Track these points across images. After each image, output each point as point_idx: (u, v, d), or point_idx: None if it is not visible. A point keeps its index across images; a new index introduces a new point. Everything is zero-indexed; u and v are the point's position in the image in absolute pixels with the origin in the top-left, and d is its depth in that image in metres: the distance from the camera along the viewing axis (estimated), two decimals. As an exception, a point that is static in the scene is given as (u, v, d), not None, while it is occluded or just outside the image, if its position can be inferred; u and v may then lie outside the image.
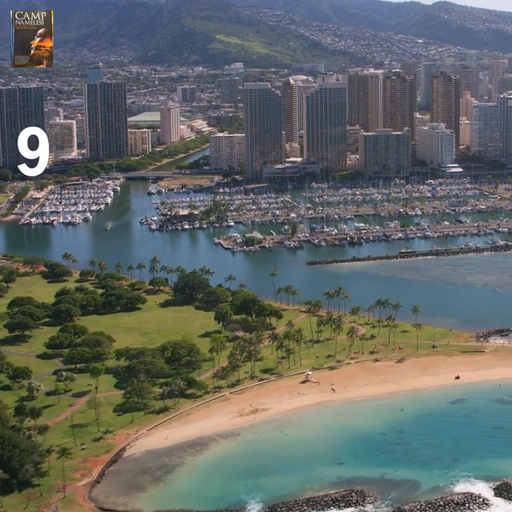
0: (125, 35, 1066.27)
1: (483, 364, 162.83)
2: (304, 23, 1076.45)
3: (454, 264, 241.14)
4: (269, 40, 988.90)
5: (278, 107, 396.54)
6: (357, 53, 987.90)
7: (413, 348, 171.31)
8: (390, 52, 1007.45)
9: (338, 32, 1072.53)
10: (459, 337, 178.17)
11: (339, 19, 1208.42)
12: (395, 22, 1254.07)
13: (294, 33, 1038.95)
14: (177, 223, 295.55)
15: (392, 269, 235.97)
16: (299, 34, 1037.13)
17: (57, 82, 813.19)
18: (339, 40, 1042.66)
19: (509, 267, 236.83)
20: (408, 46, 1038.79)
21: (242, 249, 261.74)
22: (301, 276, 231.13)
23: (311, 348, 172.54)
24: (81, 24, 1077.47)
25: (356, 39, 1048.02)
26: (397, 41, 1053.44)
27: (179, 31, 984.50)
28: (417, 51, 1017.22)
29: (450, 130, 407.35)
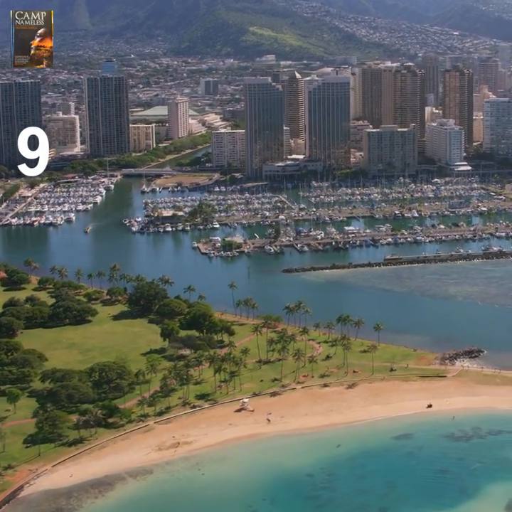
0: (161, 27, 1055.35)
1: (441, 391, 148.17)
2: (339, 15, 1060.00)
3: (440, 273, 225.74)
4: (303, 32, 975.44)
5: (279, 103, 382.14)
6: (391, 45, 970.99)
7: (369, 371, 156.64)
8: (425, 44, 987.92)
9: (374, 24, 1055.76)
10: (421, 359, 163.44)
11: (377, 11, 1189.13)
12: (434, 14, 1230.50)
13: (328, 24, 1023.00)
14: (160, 225, 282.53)
15: (371, 278, 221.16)
16: (333, 26, 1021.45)
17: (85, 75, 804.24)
18: (374, 32, 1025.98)
19: (497, 277, 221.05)
20: (443, 38, 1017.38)
21: (219, 255, 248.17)
22: (272, 286, 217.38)
23: (258, 370, 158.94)
24: (118, 16, 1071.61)
25: (391, 31, 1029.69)
26: (432, 33, 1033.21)
27: (213, 23, 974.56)
28: (451, 43, 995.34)
29: (459, 126, 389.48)
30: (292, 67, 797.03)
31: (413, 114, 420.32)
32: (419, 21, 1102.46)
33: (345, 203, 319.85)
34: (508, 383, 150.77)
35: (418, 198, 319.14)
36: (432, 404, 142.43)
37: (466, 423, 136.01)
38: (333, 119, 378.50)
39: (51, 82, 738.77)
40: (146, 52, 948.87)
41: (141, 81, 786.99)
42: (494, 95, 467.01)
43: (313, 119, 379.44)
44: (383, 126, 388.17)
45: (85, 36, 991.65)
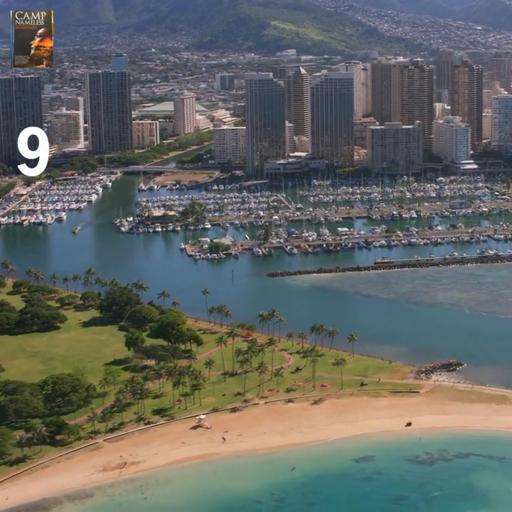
0: (184, 21, 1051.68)
1: (411, 409, 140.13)
2: (362, 9, 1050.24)
3: (430, 278, 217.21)
4: (326, 27, 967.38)
5: (281, 99, 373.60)
6: (413, 40, 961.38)
7: (338, 385, 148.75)
8: (447, 39, 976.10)
9: (397, 18, 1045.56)
10: (396, 372, 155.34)
11: (402, 5, 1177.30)
12: (459, 8, 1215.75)
13: (351, 19, 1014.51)
14: (150, 225, 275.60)
15: (358, 284, 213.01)
16: (356, 20, 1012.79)
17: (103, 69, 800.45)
18: (397, 26, 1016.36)
19: (489, 283, 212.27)
20: (466, 33, 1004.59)
21: (205, 257, 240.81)
22: (255, 291, 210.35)
23: (222, 383, 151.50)
24: (142, 10, 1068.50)
25: (414, 25, 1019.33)
26: (455, 28, 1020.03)
27: (235, 17, 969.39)
28: (474, 38, 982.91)
29: (465, 124, 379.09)
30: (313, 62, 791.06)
31: (420, 111, 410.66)
32: (443, 15, 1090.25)
33: (344, 202, 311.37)
34: (484, 400, 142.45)
35: (419, 198, 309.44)
36: (411, 423, 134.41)
37: (433, 445, 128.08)
38: (337, 116, 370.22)
39: (69, 76, 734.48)
40: (169, 47, 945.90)
41: (159, 75, 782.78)
42: (507, 92, 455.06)
43: (316, 115, 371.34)
44: (387, 123, 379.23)
45: (109, 30, 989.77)
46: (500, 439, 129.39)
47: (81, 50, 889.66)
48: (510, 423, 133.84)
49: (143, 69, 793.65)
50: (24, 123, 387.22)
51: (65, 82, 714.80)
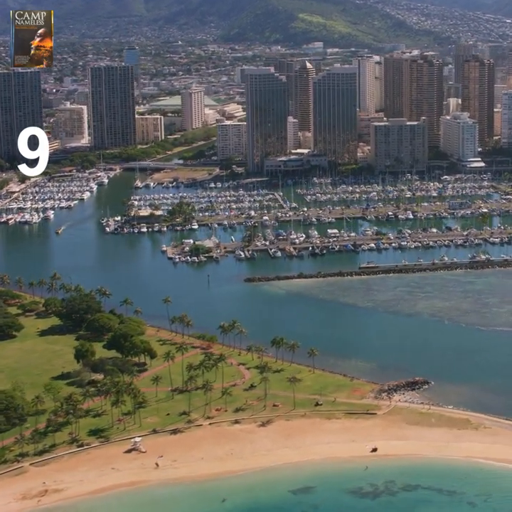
0: (214, 13, 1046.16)
1: (364, 433, 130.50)
2: (391, 2, 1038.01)
3: (414, 285, 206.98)
4: (354, 19, 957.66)
5: (282, 94, 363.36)
6: (441, 33, 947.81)
7: (291, 405, 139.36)
8: (476, 32, 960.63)
9: (426, 11, 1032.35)
10: (356, 390, 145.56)
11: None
12: (490, 1, 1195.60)
13: (380, 11, 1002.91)
14: (136, 225, 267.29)
15: (337, 290, 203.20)
16: (385, 13, 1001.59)
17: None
18: (426, 19, 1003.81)
19: (475, 291, 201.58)
20: (495, 26, 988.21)
21: (185, 260, 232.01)
22: (228, 297, 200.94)
23: (170, 401, 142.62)
24: (172, 2, 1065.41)
25: (444, 18, 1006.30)
26: (485, 21, 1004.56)
27: (263, 9, 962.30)
28: (503, 31, 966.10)
29: (473, 120, 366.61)
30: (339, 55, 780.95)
31: (429, 106, 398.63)
32: (475, 8, 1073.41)
33: (342, 201, 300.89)
34: (444, 424, 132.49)
35: (418, 198, 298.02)
36: (376, 448, 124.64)
37: (380, 475, 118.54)
38: (339, 112, 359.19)
39: None
40: (197, 39, 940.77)
41: (182, 68, 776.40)
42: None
43: (319, 111, 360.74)
44: (391, 120, 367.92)
45: (139, 22, 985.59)
46: (454, 470, 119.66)
47: (109, 42, 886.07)
48: (468, 451, 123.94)
49: (166, 62, 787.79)
50: (23, 118, 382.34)
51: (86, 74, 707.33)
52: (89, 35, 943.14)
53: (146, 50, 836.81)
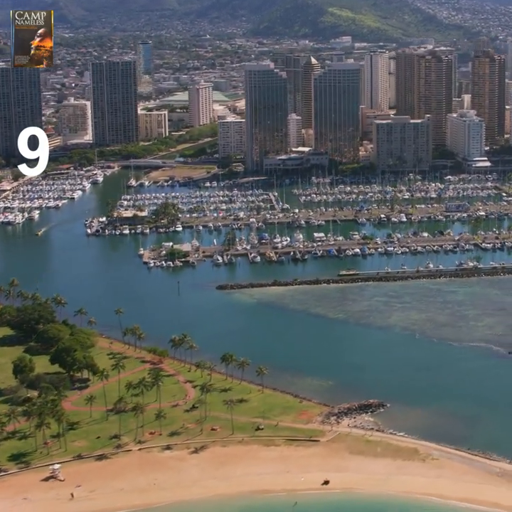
0: (246, 7, 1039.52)
1: (303, 463, 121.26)
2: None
3: (392, 295, 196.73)
4: (384, 14, 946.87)
5: (283, 91, 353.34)
6: (472, 28, 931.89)
7: (231, 429, 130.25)
8: (507, 27, 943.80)
9: (457, 5, 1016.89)
10: (302, 414, 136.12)
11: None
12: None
13: (410, 6, 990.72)
14: (119, 227, 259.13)
15: (310, 300, 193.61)
16: (415, 7, 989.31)
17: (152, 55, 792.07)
18: (456, 13, 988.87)
19: (456, 301, 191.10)
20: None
21: (160, 265, 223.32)
22: (194, 306, 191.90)
23: (103, 423, 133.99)
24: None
25: (475, 13, 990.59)
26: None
27: (292, 3, 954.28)
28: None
29: (479, 118, 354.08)
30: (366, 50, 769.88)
31: (438, 103, 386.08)
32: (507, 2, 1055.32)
33: (336, 203, 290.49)
34: (390, 454, 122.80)
35: (413, 200, 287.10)
36: (328, 481, 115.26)
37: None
38: (341, 109, 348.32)
39: None
40: (226, 33, 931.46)
41: (207, 62, 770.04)
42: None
43: (320, 108, 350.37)
44: (394, 117, 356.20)
45: (171, 16, 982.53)
46: (390, 507, 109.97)
47: (138, 36, 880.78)
48: (408, 486, 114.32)
49: (192, 56, 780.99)
50: (22, 114, 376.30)
51: None
52: (120, 29, 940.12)
53: (172, 44, 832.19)
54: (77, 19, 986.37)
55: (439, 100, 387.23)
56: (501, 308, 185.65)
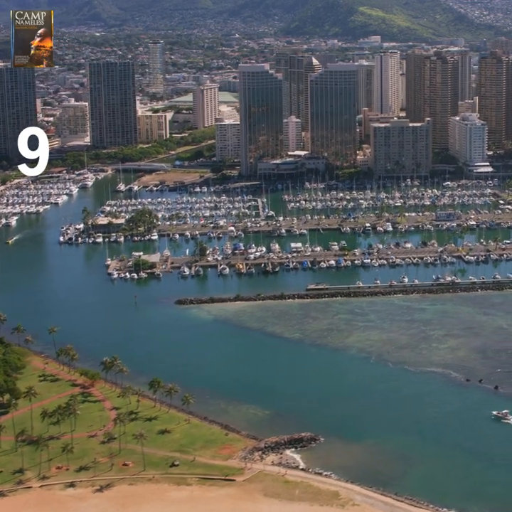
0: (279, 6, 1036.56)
1: (211, 506, 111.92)
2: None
3: (357, 312, 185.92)
4: (415, 13, 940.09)
5: (278, 92, 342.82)
6: (503, 27, 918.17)
7: (146, 464, 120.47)
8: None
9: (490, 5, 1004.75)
10: (225, 448, 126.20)
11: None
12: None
13: (442, 5, 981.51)
14: (93, 235, 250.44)
15: (270, 317, 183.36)
16: (447, 7, 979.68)
17: (177, 55, 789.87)
18: (488, 13, 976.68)
19: (423, 321, 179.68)
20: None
21: (124, 276, 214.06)
22: (147, 323, 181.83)
23: (11, 454, 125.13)
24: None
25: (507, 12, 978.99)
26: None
27: (323, 2, 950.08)
28: None
29: (482, 121, 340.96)
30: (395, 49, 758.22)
31: (443, 106, 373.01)
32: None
33: (325, 210, 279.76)
34: (307, 497, 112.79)
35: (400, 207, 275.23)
36: None
37: None
38: (337, 112, 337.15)
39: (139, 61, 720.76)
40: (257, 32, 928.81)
41: (232, 62, 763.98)
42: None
43: (316, 111, 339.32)
44: (393, 121, 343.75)
45: (204, 15, 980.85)
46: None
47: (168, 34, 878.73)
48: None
49: (217, 55, 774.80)
50: (16, 116, 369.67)
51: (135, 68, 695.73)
52: (153, 28, 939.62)
53: (200, 42, 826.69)
54: (111, 18, 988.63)
55: (444, 103, 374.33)
56: (469, 327, 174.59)
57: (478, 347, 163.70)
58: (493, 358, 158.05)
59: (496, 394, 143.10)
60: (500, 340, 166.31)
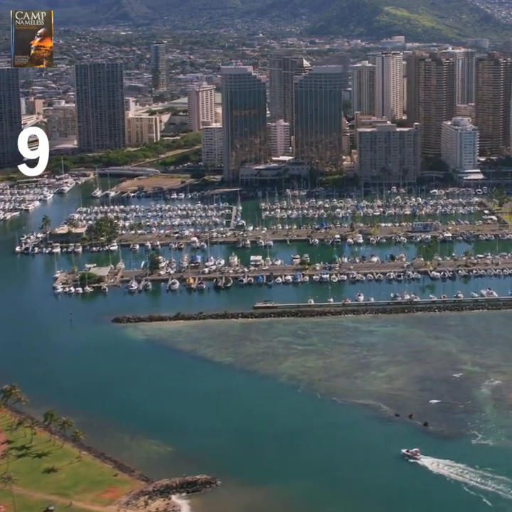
0: (307, 6, 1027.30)
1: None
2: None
3: (300, 334, 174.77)
4: (442, 13, 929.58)
5: (262, 96, 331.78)
6: None
7: (20, 508, 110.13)
8: None
9: None
10: (110, 491, 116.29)
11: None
12: None
13: (469, 5, 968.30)
14: (50, 245, 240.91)
15: (206, 339, 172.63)
16: (474, 7, 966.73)
17: (196, 54, 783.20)
18: None
19: (367, 344, 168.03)
20: None
21: (68, 291, 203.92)
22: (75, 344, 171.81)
23: None
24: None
25: None
26: None
27: (349, 2, 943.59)
28: None
29: (473, 126, 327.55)
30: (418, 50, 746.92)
31: (437, 110, 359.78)
32: None
33: (299, 219, 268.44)
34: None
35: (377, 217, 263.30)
36: None
37: None
38: (322, 116, 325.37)
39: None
40: (285, 31, 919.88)
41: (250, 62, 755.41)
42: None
43: (300, 115, 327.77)
44: (379, 126, 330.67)
45: (232, 14, 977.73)
46: None
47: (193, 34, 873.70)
48: None
49: (237, 55, 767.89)
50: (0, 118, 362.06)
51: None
52: (180, 27, 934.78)
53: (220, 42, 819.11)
54: (139, 17, 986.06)
55: (438, 106, 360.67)
56: (416, 351, 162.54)
57: (418, 376, 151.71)
58: (432, 389, 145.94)
59: (423, 431, 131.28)
60: (444, 368, 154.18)
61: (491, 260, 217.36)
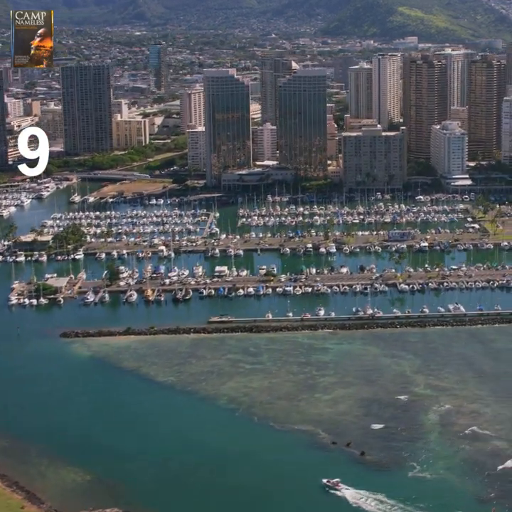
0: (323, 6, 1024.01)
1: None
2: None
3: (251, 351, 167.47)
4: (456, 14, 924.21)
5: (245, 99, 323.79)
6: None
7: None
8: None
9: None
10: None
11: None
12: None
13: (484, 5, 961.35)
14: (15, 253, 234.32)
15: (151, 356, 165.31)
16: (489, 7, 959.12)
17: (206, 55, 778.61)
18: None
19: (318, 363, 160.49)
20: None
21: (22, 303, 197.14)
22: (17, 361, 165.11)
23: None
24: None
25: None
26: None
27: (363, 2, 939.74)
28: None
29: (462, 130, 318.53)
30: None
31: (429, 113, 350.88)
32: None
33: (275, 227, 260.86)
34: None
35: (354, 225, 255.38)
36: None
37: None
38: (306, 119, 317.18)
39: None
40: (300, 32, 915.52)
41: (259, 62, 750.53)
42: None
43: (284, 118, 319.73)
44: (364, 129, 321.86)
45: (248, 14, 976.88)
46: None
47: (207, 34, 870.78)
48: None
49: (247, 55, 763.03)
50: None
51: None
52: (196, 27, 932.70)
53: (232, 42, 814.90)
54: (155, 17, 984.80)
55: (430, 109, 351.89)
56: (368, 371, 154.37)
57: (365, 398, 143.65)
58: (377, 414, 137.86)
59: (358, 461, 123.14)
60: (394, 391, 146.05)
61: (464, 272, 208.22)
